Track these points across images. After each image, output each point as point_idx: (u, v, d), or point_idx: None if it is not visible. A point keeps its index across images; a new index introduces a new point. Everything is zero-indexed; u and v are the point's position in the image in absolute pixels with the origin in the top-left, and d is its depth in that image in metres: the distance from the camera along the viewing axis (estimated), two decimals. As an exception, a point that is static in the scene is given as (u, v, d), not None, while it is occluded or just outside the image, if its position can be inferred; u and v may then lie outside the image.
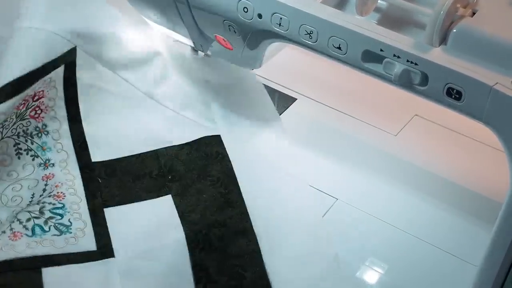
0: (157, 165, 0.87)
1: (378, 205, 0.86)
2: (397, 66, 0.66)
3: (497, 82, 0.61)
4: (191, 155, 0.88)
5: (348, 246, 0.82)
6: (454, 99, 0.64)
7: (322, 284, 0.78)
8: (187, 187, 0.85)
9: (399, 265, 0.81)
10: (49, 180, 0.83)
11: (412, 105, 0.99)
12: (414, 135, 0.96)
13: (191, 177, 0.86)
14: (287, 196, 0.86)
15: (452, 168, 0.91)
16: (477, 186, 0.89)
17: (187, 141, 0.89)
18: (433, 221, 0.85)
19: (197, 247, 0.80)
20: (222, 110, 0.93)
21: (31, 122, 0.84)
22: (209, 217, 0.82)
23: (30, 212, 0.79)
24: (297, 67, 1.06)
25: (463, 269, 0.79)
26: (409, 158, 0.92)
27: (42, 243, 0.77)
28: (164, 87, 0.92)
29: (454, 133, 0.96)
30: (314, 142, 0.94)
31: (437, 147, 0.94)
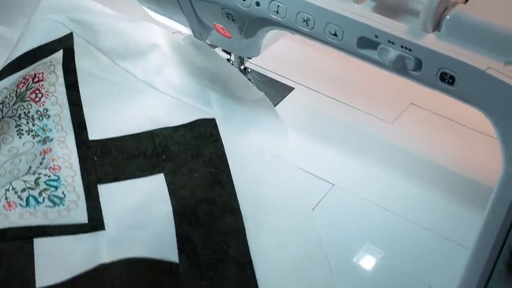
0: (152, 145, 0.89)
1: (374, 191, 0.88)
2: (392, 52, 0.68)
3: (489, 66, 0.62)
4: (185, 136, 0.90)
5: (345, 230, 0.84)
6: (447, 83, 0.66)
7: (303, 266, 0.80)
8: (180, 166, 0.87)
9: (394, 248, 0.82)
10: (46, 154, 0.84)
11: (408, 94, 1.01)
12: (409, 123, 0.97)
13: (184, 157, 0.88)
14: (275, 180, 0.88)
15: (447, 155, 0.93)
16: (471, 172, 0.90)
17: (182, 123, 0.91)
18: (427, 206, 0.87)
19: (184, 220, 0.81)
20: (218, 96, 0.94)
21: (32, 105, 0.86)
22: (198, 194, 0.84)
23: (26, 182, 0.81)
24: (295, 58, 1.07)
25: (457, 252, 0.80)
26: (404, 145, 0.94)
27: (35, 214, 0.79)
28: (162, 75, 0.94)
29: (449, 121, 0.97)
30: (312, 130, 0.96)
31: (432, 135, 0.95)
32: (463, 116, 0.97)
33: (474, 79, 0.63)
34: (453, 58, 0.64)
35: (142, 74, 0.93)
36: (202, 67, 0.95)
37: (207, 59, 0.95)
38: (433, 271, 0.80)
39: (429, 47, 0.65)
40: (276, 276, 0.78)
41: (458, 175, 0.90)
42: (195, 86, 0.94)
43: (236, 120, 0.93)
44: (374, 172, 0.90)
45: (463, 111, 0.97)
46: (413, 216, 0.85)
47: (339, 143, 0.94)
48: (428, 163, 0.92)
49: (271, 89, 1.01)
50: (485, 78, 0.63)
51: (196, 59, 0.95)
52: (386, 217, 0.85)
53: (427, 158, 0.92)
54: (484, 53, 0.63)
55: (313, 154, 0.92)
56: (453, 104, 0.95)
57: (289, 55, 1.07)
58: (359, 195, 0.88)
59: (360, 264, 0.81)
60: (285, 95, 1.01)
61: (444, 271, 0.79)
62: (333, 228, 0.84)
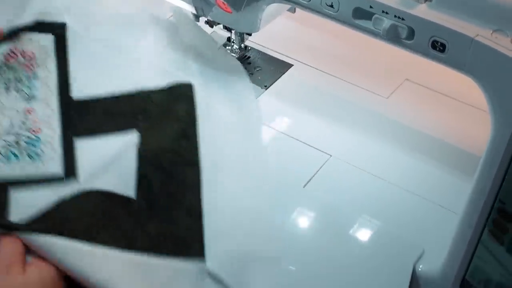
0: (130, 106, 0.92)
1: (369, 161, 0.91)
2: (385, 21, 0.71)
3: (477, 34, 0.66)
4: (162, 98, 0.94)
5: (341, 198, 0.87)
6: (438, 51, 0.69)
7: (251, 222, 0.85)
8: (154, 125, 0.91)
9: (389, 215, 0.86)
10: (29, 114, 0.88)
11: (403, 70, 1.04)
12: (404, 97, 1.01)
13: (159, 117, 0.92)
14: (238, 143, 0.93)
15: (440, 127, 0.96)
16: (463, 143, 0.94)
17: (161, 87, 0.94)
18: (421, 175, 0.90)
19: (146, 163, 0.86)
20: (198, 66, 0.99)
21: (23, 73, 0.90)
22: (164, 145, 0.88)
23: (6, 141, 0.85)
24: (293, 36, 1.10)
25: (449, 218, 0.83)
26: (399, 118, 0.97)
27: (13, 167, 0.83)
28: (147, 43, 0.99)
29: (442, 95, 1.01)
30: (310, 105, 0.99)
31: (426, 108, 0.99)
32: (455, 91, 1.00)
33: (464, 46, 0.67)
34: (444, 26, 0.67)
35: (126, 39, 0.98)
36: (187, 42, 1.00)
37: (192, 35, 1.00)
38: (427, 236, 0.83)
39: (421, 16, 0.68)
40: (223, 228, 0.83)
41: (450, 146, 0.94)
42: (178, 58, 0.99)
43: (211, 86, 0.97)
44: (370, 143, 0.94)
45: (455, 87, 1.01)
46: (407, 185, 0.89)
47: (337, 116, 0.97)
48: (421, 135, 0.95)
49: (270, 66, 1.05)
50: (474, 45, 0.66)
51: (183, 35, 1.00)
52: (381, 186, 0.89)
53: (421, 130, 0.96)
54: (473, 22, 0.67)
55: (311, 127, 0.96)
56: (446, 80, 1.01)
57: (288, 33, 1.10)
58: (355, 165, 0.91)
59: (356, 231, 0.84)
60: (284, 72, 1.04)
61: (437, 236, 0.82)
62: (331, 195, 0.87)
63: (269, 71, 1.04)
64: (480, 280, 0.74)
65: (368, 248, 0.83)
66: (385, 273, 0.80)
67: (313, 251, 0.82)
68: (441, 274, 0.77)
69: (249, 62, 1.06)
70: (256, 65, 1.05)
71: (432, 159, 0.92)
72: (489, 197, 0.69)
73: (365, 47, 1.07)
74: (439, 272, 0.78)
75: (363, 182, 0.89)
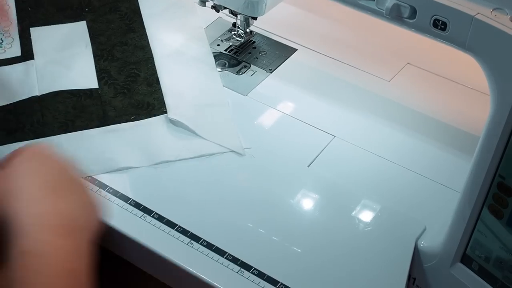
0: (77, 1, 1.10)
1: (372, 142, 0.93)
2: (388, 1, 0.73)
3: (478, 12, 0.67)
4: None
5: (345, 177, 0.89)
6: (440, 29, 0.71)
7: (200, 81, 1.01)
8: (99, 16, 1.08)
9: (392, 194, 0.88)
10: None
11: (405, 54, 1.06)
12: (406, 80, 1.02)
13: (103, 10, 1.09)
14: (182, 27, 1.08)
15: (440, 109, 0.98)
16: (463, 124, 0.96)
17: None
18: (422, 154, 0.92)
19: (102, 59, 1.03)
20: None
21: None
22: (113, 40, 1.06)
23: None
24: (297, 21, 1.12)
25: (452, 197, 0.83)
26: (401, 100, 0.99)
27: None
28: None
29: (442, 78, 1.03)
30: (314, 87, 1.01)
31: (427, 91, 1.01)
32: (456, 74, 1.02)
33: (465, 24, 0.68)
34: (445, 5, 0.69)
35: None
36: None
37: None
38: (428, 213, 0.85)
39: (423, -5, 0.70)
40: (178, 88, 0.99)
41: (451, 126, 0.96)
42: None
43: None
44: (372, 124, 0.96)
45: (456, 70, 1.03)
46: (410, 165, 0.91)
47: (340, 99, 0.99)
48: (423, 116, 0.97)
49: (275, 50, 1.07)
50: (474, 23, 0.67)
51: None
52: (383, 165, 0.91)
53: (423, 112, 0.98)
54: (473, 1, 0.68)
55: (315, 109, 0.98)
56: (446, 63, 1.02)
57: (292, 19, 1.12)
58: (358, 145, 0.93)
59: (360, 209, 0.86)
60: (289, 56, 1.06)
61: (438, 213, 0.84)
62: (334, 175, 0.89)
63: (274, 55, 1.06)
64: (480, 254, 0.75)
65: (371, 225, 0.84)
66: (388, 249, 0.82)
67: (318, 228, 0.84)
68: (442, 250, 0.79)
69: (254, 47, 1.07)
70: (261, 50, 1.07)
71: (433, 139, 0.94)
72: (489, 172, 0.70)
73: (367, 31, 1.08)
74: (440, 248, 0.79)
75: (365, 161, 0.91)
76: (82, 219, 0.70)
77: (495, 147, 0.69)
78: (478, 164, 0.71)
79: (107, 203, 0.85)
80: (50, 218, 0.67)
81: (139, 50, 1.04)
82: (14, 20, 1.06)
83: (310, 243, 0.83)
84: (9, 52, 1.02)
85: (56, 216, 0.67)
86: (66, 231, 0.67)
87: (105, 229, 0.79)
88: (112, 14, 1.09)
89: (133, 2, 1.10)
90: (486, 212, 0.73)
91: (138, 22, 1.08)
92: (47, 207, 0.68)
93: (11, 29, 1.05)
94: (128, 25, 1.07)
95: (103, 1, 1.10)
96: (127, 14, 1.09)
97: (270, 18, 1.01)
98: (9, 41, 1.04)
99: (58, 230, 0.66)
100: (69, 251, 0.66)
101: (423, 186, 0.88)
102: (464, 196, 0.74)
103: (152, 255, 0.81)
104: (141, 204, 0.85)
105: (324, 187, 0.88)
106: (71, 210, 0.69)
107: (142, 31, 1.06)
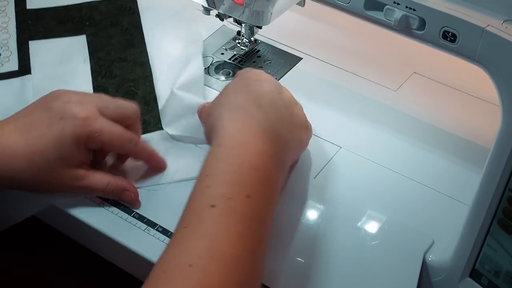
0: (78, 14, 1.08)
1: (379, 153, 0.92)
2: (397, 12, 0.71)
3: (488, 24, 0.66)
4: (108, 7, 1.08)
5: (352, 189, 0.88)
6: (449, 41, 0.70)
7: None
8: (99, 31, 1.06)
9: (399, 206, 0.86)
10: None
11: (411, 64, 1.05)
12: (412, 90, 1.01)
13: (104, 24, 1.07)
14: (181, 40, 1.05)
15: (448, 120, 0.97)
16: (471, 135, 0.94)
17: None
18: (429, 166, 0.91)
19: (100, 76, 1.00)
20: None
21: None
22: (113, 55, 1.03)
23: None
24: (302, 30, 1.11)
25: (460, 209, 0.84)
26: (408, 110, 0.98)
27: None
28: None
29: (450, 88, 1.01)
30: (319, 97, 1.00)
31: (434, 101, 0.99)
32: (463, 84, 1.01)
33: (475, 36, 0.67)
34: (455, 16, 0.68)
35: None
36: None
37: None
38: (436, 226, 0.84)
39: (432, 6, 0.69)
40: (172, 104, 0.95)
41: (458, 137, 0.94)
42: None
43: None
44: (379, 135, 0.95)
45: (463, 79, 1.02)
46: (417, 176, 0.89)
47: (346, 109, 0.98)
48: (430, 127, 0.96)
49: (280, 59, 1.06)
50: (485, 35, 0.66)
51: None
52: (390, 177, 0.89)
53: (430, 122, 0.96)
54: (484, 12, 0.67)
55: (321, 119, 0.96)
56: (453, 73, 1.02)
57: (297, 27, 1.11)
58: (365, 157, 0.92)
59: (367, 221, 0.85)
60: (294, 65, 1.05)
61: (446, 226, 0.83)
62: (341, 186, 0.88)
63: (278, 64, 1.05)
64: (490, 269, 0.74)
65: (378, 238, 0.83)
66: (396, 263, 0.81)
67: (324, 241, 0.83)
68: (451, 264, 0.78)
69: (259, 56, 1.06)
70: (265, 59, 1.06)
71: (440, 150, 0.93)
72: (499, 186, 0.70)
73: (373, 40, 1.07)
74: (449, 262, 0.78)
75: (372, 173, 0.90)
76: (282, 134, 0.79)
77: (505, 161, 0.68)
78: (487, 177, 0.70)
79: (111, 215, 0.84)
80: (247, 123, 0.76)
81: (138, 67, 1.01)
82: (14, 32, 1.05)
83: (315, 256, 0.82)
84: (6, 66, 1.01)
85: (253, 121, 0.77)
86: (262, 135, 0.75)
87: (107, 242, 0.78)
88: (113, 29, 1.07)
89: (135, 17, 1.08)
90: (495, 226, 0.72)
91: (139, 37, 1.06)
92: (253, 120, 0.77)
93: (10, 42, 1.03)
94: (128, 41, 1.05)
95: (105, 15, 1.08)
96: (128, 29, 1.07)
97: (275, 27, 1.00)
98: (7, 55, 1.03)
99: (253, 130, 0.76)
100: (259, 152, 0.74)
101: (431, 198, 0.87)
102: (473, 210, 0.73)
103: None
104: (144, 217, 0.84)
105: (330, 200, 0.87)
106: (273, 123, 0.78)
107: (143, 46, 1.04)
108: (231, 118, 0.77)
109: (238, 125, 0.76)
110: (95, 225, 0.84)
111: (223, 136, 0.75)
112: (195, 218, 0.68)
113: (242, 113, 0.78)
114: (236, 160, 0.73)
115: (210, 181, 0.71)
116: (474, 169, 0.88)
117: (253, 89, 0.81)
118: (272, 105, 0.80)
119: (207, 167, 0.73)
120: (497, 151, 0.69)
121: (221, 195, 0.69)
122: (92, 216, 0.84)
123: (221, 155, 0.74)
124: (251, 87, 0.81)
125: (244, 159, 0.73)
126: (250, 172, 0.72)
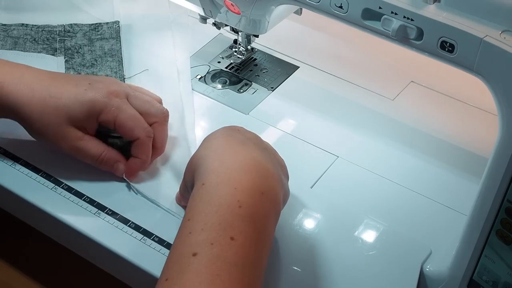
0: (51, 36, 1.05)
1: (376, 162, 0.92)
2: (395, 22, 0.71)
3: (486, 34, 0.66)
4: (87, 34, 1.07)
5: (349, 198, 0.88)
6: (447, 51, 0.70)
7: None
8: (79, 55, 1.03)
9: (396, 216, 0.86)
10: None
11: (408, 73, 1.04)
12: (410, 99, 1.01)
13: (84, 48, 1.05)
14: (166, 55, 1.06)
15: (445, 129, 0.96)
16: (469, 145, 0.94)
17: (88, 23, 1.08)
18: (427, 176, 0.90)
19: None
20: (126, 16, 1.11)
21: None
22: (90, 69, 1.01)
23: None
24: (299, 39, 1.11)
25: (457, 219, 0.83)
26: (405, 120, 0.98)
27: None
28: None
29: (447, 97, 1.01)
30: (316, 106, 1.00)
31: (432, 110, 0.99)
32: (461, 93, 1.01)
33: (473, 47, 0.67)
34: (453, 27, 0.68)
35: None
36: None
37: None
38: (434, 237, 0.83)
39: (430, 16, 0.69)
40: None
41: (456, 147, 0.94)
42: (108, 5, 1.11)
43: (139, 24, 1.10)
44: (376, 144, 0.94)
45: (460, 89, 1.01)
46: (414, 186, 0.89)
47: (343, 118, 0.98)
48: (427, 136, 0.96)
49: (277, 67, 1.05)
50: (483, 45, 0.66)
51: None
52: (388, 187, 0.89)
53: (427, 132, 0.96)
54: (482, 22, 0.67)
55: (318, 128, 0.96)
56: (451, 82, 1.01)
57: (294, 36, 1.11)
58: (362, 166, 0.91)
59: (364, 231, 0.84)
60: (291, 74, 1.05)
61: (444, 236, 0.83)
62: (338, 196, 0.88)
63: (275, 73, 1.04)
64: (488, 280, 0.74)
65: (375, 248, 0.83)
66: (393, 273, 0.80)
67: (321, 251, 0.82)
68: (449, 275, 0.77)
69: (256, 64, 1.06)
70: (262, 67, 1.05)
71: (438, 160, 0.92)
72: (497, 197, 0.69)
73: (370, 49, 1.07)
74: (447, 273, 0.78)
75: (369, 182, 0.90)
76: (271, 168, 0.75)
77: (503, 171, 0.68)
78: (486, 188, 0.70)
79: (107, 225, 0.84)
80: (232, 159, 0.74)
81: None
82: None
83: (312, 266, 0.81)
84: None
85: (245, 159, 0.74)
86: (249, 169, 0.73)
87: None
88: (91, 52, 1.04)
89: (116, 43, 1.06)
90: (493, 237, 0.72)
91: (118, 64, 1.03)
92: (238, 154, 0.74)
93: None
94: (108, 63, 1.03)
95: (85, 38, 1.06)
96: (108, 52, 1.04)
97: (272, 35, 0.99)
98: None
99: (242, 167, 0.73)
100: (245, 188, 0.70)
101: (428, 208, 0.87)
102: (472, 221, 0.73)
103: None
104: (140, 227, 0.84)
105: (327, 209, 0.87)
106: (261, 158, 0.75)
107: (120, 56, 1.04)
108: (215, 156, 0.74)
109: (224, 161, 0.73)
110: (91, 234, 0.83)
111: (207, 175, 0.72)
112: (177, 268, 0.64)
113: (226, 151, 0.75)
114: (218, 199, 0.69)
115: (191, 226, 0.67)
116: (472, 179, 0.88)
117: (235, 134, 0.78)
118: (257, 144, 0.78)
119: (189, 210, 0.70)
120: (495, 161, 0.68)
121: (203, 241, 0.65)
122: (88, 225, 0.84)
123: (204, 195, 0.70)
124: (233, 132, 0.79)
125: (227, 198, 0.69)
126: (234, 210, 0.68)
